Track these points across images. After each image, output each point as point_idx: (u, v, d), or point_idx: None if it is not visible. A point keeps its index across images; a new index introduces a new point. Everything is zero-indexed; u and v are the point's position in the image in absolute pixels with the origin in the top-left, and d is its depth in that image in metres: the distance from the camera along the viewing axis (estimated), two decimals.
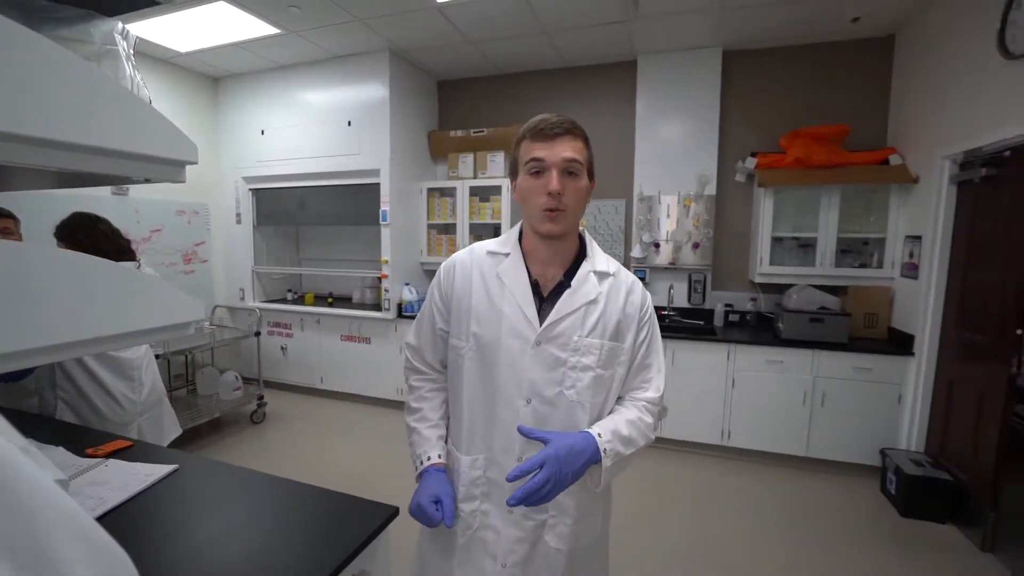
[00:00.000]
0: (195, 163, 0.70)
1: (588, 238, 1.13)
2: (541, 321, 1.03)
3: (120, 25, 0.70)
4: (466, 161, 4.30)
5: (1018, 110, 2.22)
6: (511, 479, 0.92)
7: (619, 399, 1.11)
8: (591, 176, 1.04)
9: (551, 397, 1.02)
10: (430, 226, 4.41)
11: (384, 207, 3.99)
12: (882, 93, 3.50)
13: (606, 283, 1.06)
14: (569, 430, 1.00)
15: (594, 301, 1.04)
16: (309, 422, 4.06)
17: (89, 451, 1.47)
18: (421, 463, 1.08)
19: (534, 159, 0.97)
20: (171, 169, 0.70)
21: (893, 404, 3.11)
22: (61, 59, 0.57)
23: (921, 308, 2.96)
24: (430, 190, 4.37)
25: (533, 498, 0.90)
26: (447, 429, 1.16)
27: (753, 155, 3.62)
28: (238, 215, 4.63)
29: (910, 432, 3.02)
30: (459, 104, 4.61)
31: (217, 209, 4.62)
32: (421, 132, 4.43)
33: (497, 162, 4.20)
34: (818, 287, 3.42)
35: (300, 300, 4.73)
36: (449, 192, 4.32)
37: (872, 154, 3.34)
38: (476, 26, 3.45)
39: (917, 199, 3.10)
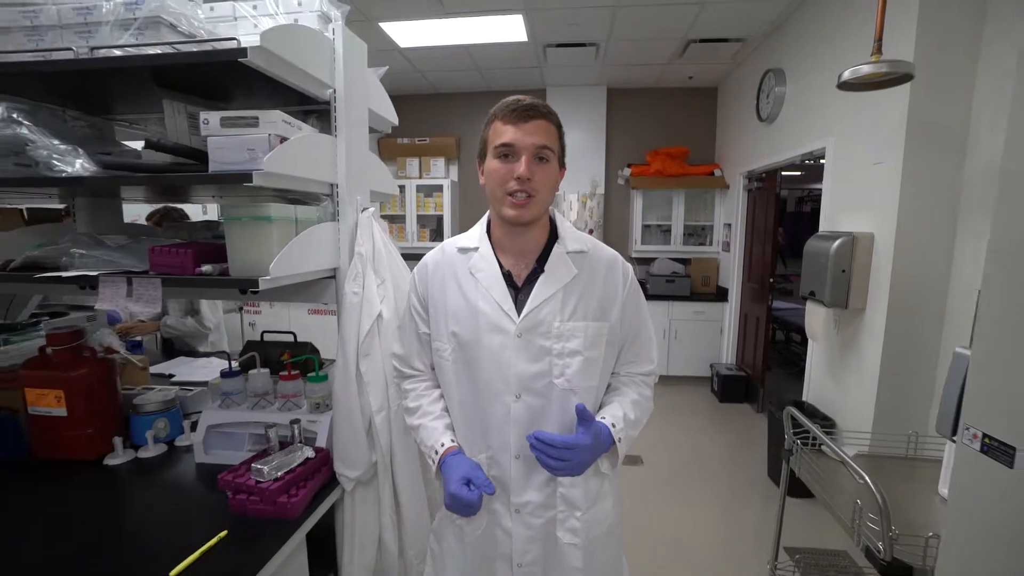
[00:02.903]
0: (396, 195, 1.70)
1: (559, 218, 1.08)
2: (519, 312, 0.98)
3: None
4: (413, 164, 5.27)
5: (764, 152, 3.79)
6: (537, 436, 0.93)
7: (614, 374, 1.10)
8: (562, 163, 1.01)
9: (541, 388, 0.99)
10: (383, 216, 5.31)
11: None
12: (711, 125, 5.10)
13: (582, 262, 1.03)
14: (566, 420, 0.99)
15: (571, 283, 1.00)
16: None
17: None
18: (436, 453, 1.03)
19: (504, 144, 0.93)
20: (388, 197, 1.71)
21: (717, 334, 4.71)
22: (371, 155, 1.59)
23: (732, 271, 4.56)
24: None
25: (545, 452, 0.92)
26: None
27: (628, 166, 5.04)
28: (204, 207, 5.15)
29: (727, 351, 4.64)
30: (402, 116, 5.51)
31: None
32: (373, 139, 5.30)
33: (438, 166, 5.23)
34: (672, 259, 4.95)
35: None
36: (399, 189, 5.27)
37: (704, 167, 4.90)
38: (426, 62, 4.45)
39: (729, 199, 4.70)
